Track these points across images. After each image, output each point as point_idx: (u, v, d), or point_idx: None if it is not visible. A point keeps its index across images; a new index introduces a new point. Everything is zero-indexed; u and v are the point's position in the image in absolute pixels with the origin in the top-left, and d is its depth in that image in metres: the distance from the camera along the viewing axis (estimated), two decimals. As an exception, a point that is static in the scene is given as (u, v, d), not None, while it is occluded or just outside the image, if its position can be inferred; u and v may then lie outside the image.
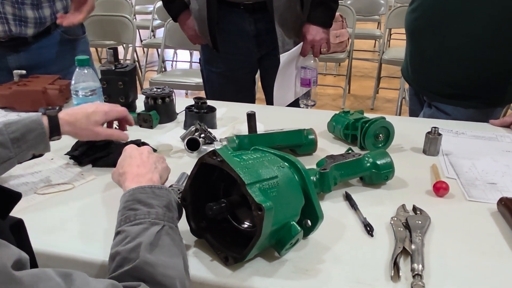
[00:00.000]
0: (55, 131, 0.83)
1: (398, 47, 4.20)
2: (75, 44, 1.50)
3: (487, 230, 0.74)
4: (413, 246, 0.67)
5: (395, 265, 0.63)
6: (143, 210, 0.61)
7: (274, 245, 0.65)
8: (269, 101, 1.70)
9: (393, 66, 3.94)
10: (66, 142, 1.07)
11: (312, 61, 1.57)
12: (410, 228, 0.71)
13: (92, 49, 4.96)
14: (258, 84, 1.83)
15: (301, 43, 1.55)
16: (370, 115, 1.09)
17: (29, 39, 1.38)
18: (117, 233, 0.60)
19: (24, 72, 1.31)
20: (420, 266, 0.62)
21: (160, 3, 3.99)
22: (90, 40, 1.59)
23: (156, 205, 0.63)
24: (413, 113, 1.50)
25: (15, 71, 1.28)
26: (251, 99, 1.75)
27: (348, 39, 3.54)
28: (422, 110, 1.42)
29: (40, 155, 0.87)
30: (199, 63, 1.74)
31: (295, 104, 1.63)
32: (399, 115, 3.18)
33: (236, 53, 1.59)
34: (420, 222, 0.73)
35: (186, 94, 4.00)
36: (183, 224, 0.70)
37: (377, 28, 5.09)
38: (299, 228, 0.63)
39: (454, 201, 0.83)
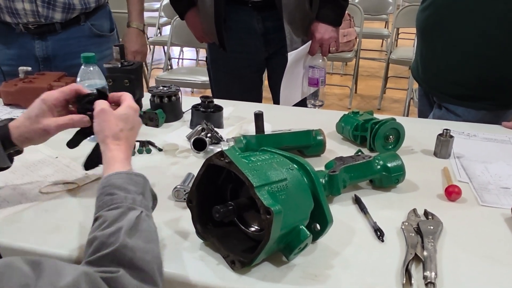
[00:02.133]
0: (6, 141, 0.72)
1: (406, 46, 4.17)
2: (102, 41, 1.50)
3: (501, 236, 0.72)
4: (425, 253, 0.65)
5: (407, 272, 0.61)
6: (120, 195, 0.60)
7: (282, 250, 0.63)
8: (276, 100, 1.68)
9: (400, 66, 3.92)
10: (71, 140, 1.06)
11: (320, 60, 1.55)
12: (422, 233, 0.70)
13: (99, 46, 4.97)
14: (265, 83, 1.81)
15: (310, 41, 1.53)
16: (379, 116, 1.07)
17: (57, 27, 1.38)
18: (95, 219, 0.60)
19: (29, 68, 1.30)
20: (433, 274, 0.60)
21: (166, 0, 3.97)
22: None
23: (133, 191, 0.62)
24: (422, 114, 1.48)
25: (20, 68, 1.27)
26: (258, 99, 1.73)
27: (356, 38, 3.52)
28: (431, 111, 1.40)
29: (2, 169, 0.77)
30: (206, 61, 1.73)
31: (302, 104, 1.61)
32: (407, 115, 3.15)
33: (244, 52, 1.57)
34: (432, 227, 0.71)
35: (192, 92, 4.00)
36: (188, 226, 0.69)
37: (385, 27, 5.06)
38: (308, 232, 0.61)
39: (467, 206, 0.81)
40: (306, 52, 1.54)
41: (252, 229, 0.68)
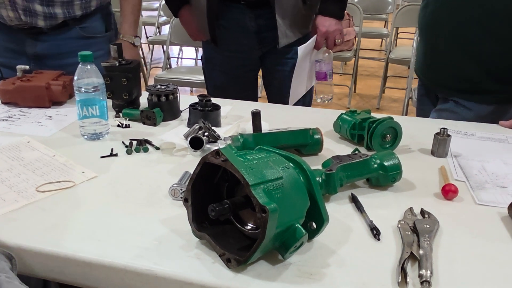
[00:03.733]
0: None
1: (405, 46, 4.17)
2: (93, 42, 1.46)
3: (497, 235, 0.72)
4: (421, 251, 0.65)
5: (403, 271, 0.61)
6: None
7: (278, 248, 0.63)
8: (271, 99, 1.69)
9: (399, 66, 3.92)
10: (69, 140, 1.06)
11: (326, 54, 1.56)
12: (418, 232, 0.70)
13: (98, 45, 4.98)
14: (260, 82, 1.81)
15: (315, 36, 1.52)
16: (377, 115, 1.07)
17: (45, 29, 1.37)
18: None
19: (27, 67, 1.30)
20: (429, 272, 0.60)
21: (166, 0, 3.96)
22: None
23: None
24: (422, 113, 1.47)
25: (18, 66, 1.27)
26: (254, 98, 1.73)
27: (355, 37, 3.52)
28: (431, 110, 1.39)
29: None
30: (201, 61, 1.73)
31: (302, 102, 1.63)
32: (406, 115, 3.15)
33: (237, 51, 1.57)
34: (428, 226, 0.71)
35: (191, 91, 4.00)
36: (185, 224, 0.69)
37: (384, 27, 5.06)
38: (304, 231, 0.61)
39: (463, 205, 0.81)
40: (313, 46, 1.54)
41: (248, 227, 0.68)
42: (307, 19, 1.54)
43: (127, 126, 1.13)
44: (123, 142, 1.03)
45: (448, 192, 0.82)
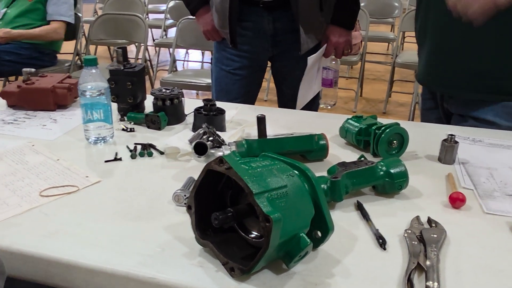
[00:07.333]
0: None
1: (412, 50, 4.15)
2: None
3: (506, 245, 0.71)
4: (428, 262, 0.63)
5: (409, 282, 0.60)
6: None
7: (282, 257, 0.62)
8: (282, 101, 1.70)
9: (406, 70, 3.90)
10: (74, 143, 1.06)
11: (333, 62, 1.59)
12: (425, 241, 0.68)
13: (104, 48, 5.02)
14: (270, 85, 1.82)
15: (325, 45, 1.56)
16: (383, 120, 1.06)
17: None
18: None
19: (33, 70, 1.30)
20: (436, 284, 0.59)
21: (173, 3, 3.98)
22: (101, 39, 1.55)
23: None
24: (426, 115, 1.43)
25: (24, 69, 1.27)
26: (254, 99, 1.73)
27: (362, 41, 3.51)
28: (436, 113, 1.36)
29: None
30: (211, 62, 1.74)
31: (307, 107, 1.63)
32: (412, 119, 3.13)
33: (249, 51, 1.58)
34: (435, 235, 0.70)
35: (197, 94, 4.00)
36: (188, 231, 0.68)
37: (391, 31, 5.04)
38: (308, 240, 0.60)
39: (471, 214, 0.80)
40: (322, 55, 1.57)
41: (252, 235, 0.67)
42: (322, 26, 1.56)
43: (131, 130, 1.13)
44: (127, 146, 1.03)
45: (456, 200, 0.80)
